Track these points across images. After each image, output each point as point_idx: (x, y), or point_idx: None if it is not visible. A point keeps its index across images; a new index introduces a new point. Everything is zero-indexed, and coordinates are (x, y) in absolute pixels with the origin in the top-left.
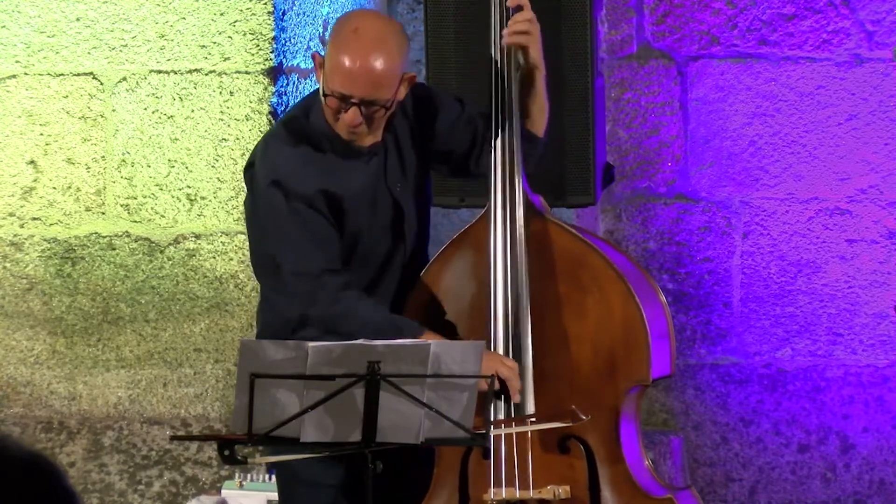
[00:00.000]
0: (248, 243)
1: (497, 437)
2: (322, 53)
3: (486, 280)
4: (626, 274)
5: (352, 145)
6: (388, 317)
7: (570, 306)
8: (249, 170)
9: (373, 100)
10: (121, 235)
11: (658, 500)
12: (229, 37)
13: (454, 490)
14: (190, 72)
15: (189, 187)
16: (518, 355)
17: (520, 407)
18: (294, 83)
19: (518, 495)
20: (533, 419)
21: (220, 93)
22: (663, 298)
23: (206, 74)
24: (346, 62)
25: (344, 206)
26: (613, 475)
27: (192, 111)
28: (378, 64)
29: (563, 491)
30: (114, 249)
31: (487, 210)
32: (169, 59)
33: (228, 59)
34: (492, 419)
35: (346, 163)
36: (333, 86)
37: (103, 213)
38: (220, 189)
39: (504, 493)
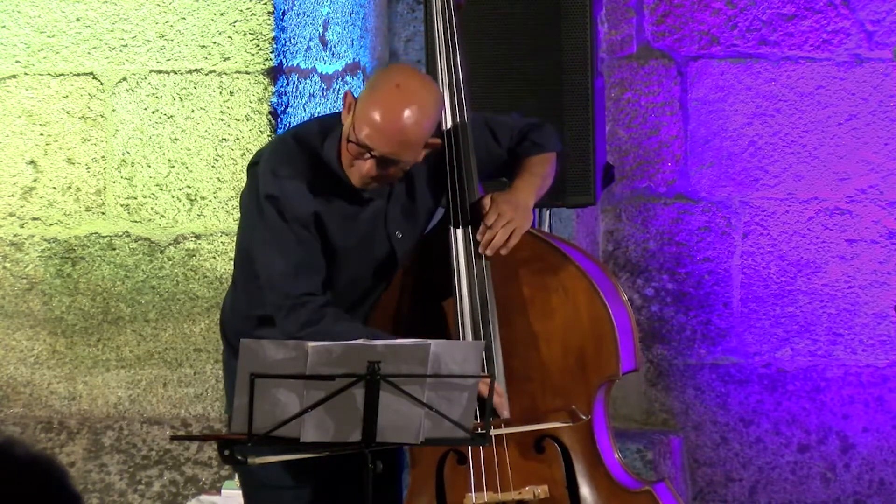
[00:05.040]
0: None
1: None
2: (354, 93)
3: (451, 286)
4: (588, 272)
5: (355, 188)
6: (366, 332)
7: (536, 307)
8: (253, 168)
9: (394, 159)
10: (121, 235)
11: (637, 493)
12: (229, 37)
13: (431, 497)
14: (190, 72)
15: (189, 187)
16: (488, 359)
17: (494, 411)
18: (294, 83)
19: (497, 498)
20: (506, 420)
21: (220, 93)
22: (625, 296)
23: (206, 74)
24: (379, 116)
25: (331, 238)
26: (591, 472)
27: (192, 111)
28: (410, 126)
29: (541, 491)
30: (114, 249)
31: (445, 216)
32: (169, 59)
33: (228, 59)
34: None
35: (345, 200)
36: (359, 134)
37: (103, 213)
38: (220, 189)
39: (484, 496)
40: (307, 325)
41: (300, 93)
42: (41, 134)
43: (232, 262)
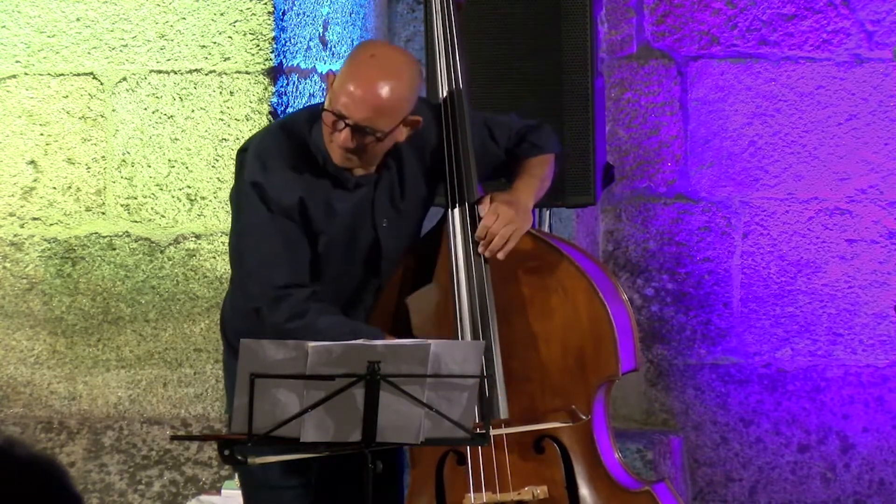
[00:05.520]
0: None
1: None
2: (335, 73)
3: (450, 286)
4: (588, 271)
5: (342, 171)
6: (348, 324)
7: (536, 307)
8: (242, 154)
9: (368, 126)
10: (121, 235)
11: (636, 494)
12: (229, 37)
13: (431, 498)
14: (190, 72)
15: (189, 187)
16: (488, 359)
17: (495, 410)
18: (294, 83)
19: (496, 498)
20: (506, 420)
21: (220, 93)
22: (625, 296)
23: (206, 74)
24: (353, 83)
25: (316, 227)
26: (590, 472)
27: (192, 111)
28: (384, 92)
29: (540, 491)
30: (114, 249)
31: (445, 216)
32: (169, 59)
33: (228, 59)
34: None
35: (332, 186)
36: (335, 103)
37: (103, 213)
38: (220, 189)
39: (484, 497)
40: (292, 318)
41: (300, 93)
42: (41, 134)
43: None
